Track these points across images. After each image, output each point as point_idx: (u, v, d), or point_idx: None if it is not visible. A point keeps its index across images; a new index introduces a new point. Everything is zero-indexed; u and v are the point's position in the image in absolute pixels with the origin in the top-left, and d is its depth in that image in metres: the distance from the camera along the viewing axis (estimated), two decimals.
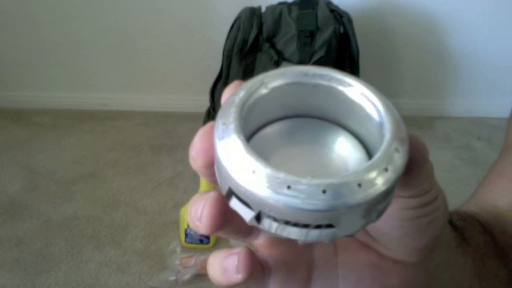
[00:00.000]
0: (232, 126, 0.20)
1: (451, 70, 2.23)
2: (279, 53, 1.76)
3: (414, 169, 0.22)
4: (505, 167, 0.47)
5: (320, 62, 1.73)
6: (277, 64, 1.74)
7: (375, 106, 0.21)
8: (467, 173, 1.84)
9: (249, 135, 0.22)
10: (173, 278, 1.33)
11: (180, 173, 1.80)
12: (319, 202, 0.18)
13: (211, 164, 0.21)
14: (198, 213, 0.22)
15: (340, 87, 0.22)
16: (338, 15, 1.79)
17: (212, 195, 0.22)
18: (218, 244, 1.48)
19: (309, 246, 0.27)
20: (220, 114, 0.21)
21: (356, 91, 0.22)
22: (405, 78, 2.27)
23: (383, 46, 2.18)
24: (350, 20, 1.81)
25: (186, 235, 1.44)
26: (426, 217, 0.25)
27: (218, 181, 0.21)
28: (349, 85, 0.22)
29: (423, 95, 2.29)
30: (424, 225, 0.25)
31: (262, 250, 0.26)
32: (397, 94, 2.28)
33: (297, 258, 0.26)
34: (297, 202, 0.18)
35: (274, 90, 0.22)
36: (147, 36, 2.18)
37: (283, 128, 0.23)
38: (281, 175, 0.18)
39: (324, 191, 0.18)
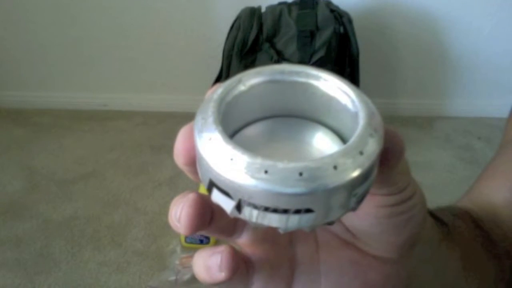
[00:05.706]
0: (210, 120, 0.20)
1: (451, 70, 2.23)
2: (279, 53, 1.76)
3: (391, 160, 0.22)
4: (500, 164, 0.47)
5: (320, 62, 1.72)
6: None
7: (349, 97, 0.22)
8: (467, 173, 1.84)
9: (230, 136, 0.23)
10: (173, 278, 1.33)
11: (180, 173, 1.77)
12: (296, 184, 0.18)
13: (193, 161, 0.22)
14: (177, 215, 0.22)
15: (316, 83, 0.23)
16: (338, 15, 1.79)
17: (191, 196, 0.22)
18: (218, 244, 1.48)
19: (291, 243, 0.27)
20: (199, 110, 0.21)
21: (331, 85, 0.22)
22: (405, 78, 2.27)
23: (383, 46, 2.18)
24: (350, 20, 1.81)
25: None
26: (404, 214, 0.25)
27: (200, 176, 0.22)
28: (324, 80, 0.23)
29: (423, 95, 2.29)
30: (402, 222, 0.25)
31: (246, 249, 0.26)
32: (397, 94, 2.28)
33: (280, 256, 0.27)
34: (274, 185, 0.18)
35: (252, 88, 0.23)
36: (147, 36, 2.18)
37: (263, 128, 0.24)
38: (258, 160, 0.19)
39: (300, 174, 0.18)
